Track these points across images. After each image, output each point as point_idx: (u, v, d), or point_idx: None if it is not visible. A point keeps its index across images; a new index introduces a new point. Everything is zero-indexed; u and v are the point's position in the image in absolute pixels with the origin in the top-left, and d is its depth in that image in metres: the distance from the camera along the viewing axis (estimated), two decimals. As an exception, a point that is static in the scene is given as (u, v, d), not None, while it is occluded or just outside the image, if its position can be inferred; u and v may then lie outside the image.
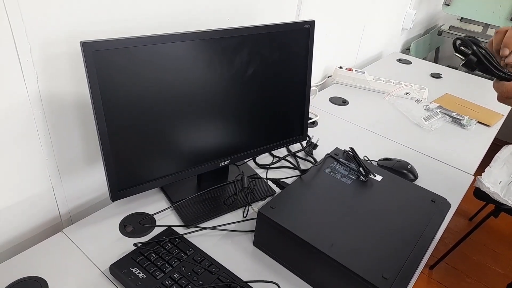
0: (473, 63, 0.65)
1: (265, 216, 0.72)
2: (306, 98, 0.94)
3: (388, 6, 1.83)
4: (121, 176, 0.72)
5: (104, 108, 0.65)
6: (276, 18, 1.15)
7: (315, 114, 1.28)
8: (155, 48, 0.67)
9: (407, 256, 0.66)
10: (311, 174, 0.84)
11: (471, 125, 1.32)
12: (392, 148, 1.16)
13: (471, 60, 0.65)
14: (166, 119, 0.74)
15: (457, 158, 1.15)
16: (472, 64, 0.65)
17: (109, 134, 0.67)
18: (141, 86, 0.68)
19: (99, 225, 0.79)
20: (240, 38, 0.77)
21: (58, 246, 0.73)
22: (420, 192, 0.83)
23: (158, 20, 0.81)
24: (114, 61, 0.64)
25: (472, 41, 0.64)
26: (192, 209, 0.84)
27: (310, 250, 0.67)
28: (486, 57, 0.64)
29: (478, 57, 0.64)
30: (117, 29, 0.74)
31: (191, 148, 0.80)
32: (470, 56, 0.65)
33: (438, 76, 1.72)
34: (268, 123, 0.90)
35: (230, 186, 0.92)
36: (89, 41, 0.60)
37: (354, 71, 1.52)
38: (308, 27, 0.85)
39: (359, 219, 0.73)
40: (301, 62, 0.89)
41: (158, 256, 0.70)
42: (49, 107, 0.71)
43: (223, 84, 0.79)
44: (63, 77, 0.70)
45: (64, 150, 0.77)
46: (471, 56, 0.65)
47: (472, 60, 0.65)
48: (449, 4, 1.98)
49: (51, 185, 0.78)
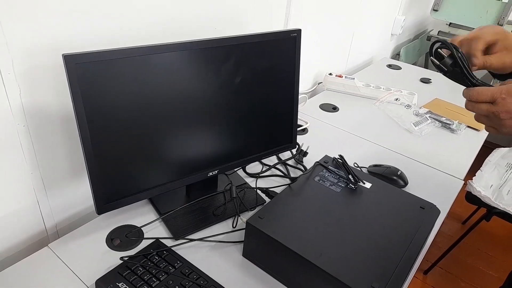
0: (448, 65, 0.66)
1: (253, 226, 0.71)
2: (295, 106, 0.94)
3: (377, 12, 1.84)
4: (107, 189, 0.71)
5: (88, 121, 0.64)
6: (264, 26, 1.15)
7: (305, 121, 1.28)
8: (140, 59, 0.67)
9: (397, 264, 0.66)
10: (300, 182, 0.84)
11: (460, 129, 1.32)
12: (382, 154, 1.16)
13: (446, 62, 0.65)
14: (153, 130, 0.73)
15: (447, 163, 1.15)
16: (447, 66, 0.66)
17: (93, 147, 0.66)
18: (127, 98, 0.68)
19: (86, 238, 0.77)
20: (227, 47, 0.77)
21: (43, 262, 0.72)
22: (409, 199, 0.82)
23: (144, 30, 0.81)
24: (97, 73, 0.63)
25: (452, 44, 0.65)
26: (181, 221, 0.83)
27: (298, 260, 0.66)
28: (462, 62, 0.65)
29: (454, 60, 0.65)
30: (102, 41, 0.74)
31: (179, 159, 0.79)
32: (446, 58, 0.65)
33: (427, 81, 1.73)
34: (257, 132, 0.90)
35: (219, 196, 0.91)
36: (72, 53, 0.59)
37: (344, 78, 1.52)
38: (295, 36, 0.85)
39: (348, 227, 0.73)
40: (289, 70, 0.89)
41: (145, 270, 0.69)
42: (33, 120, 0.70)
43: (211, 94, 0.79)
44: (47, 90, 0.70)
45: (49, 163, 0.76)
46: (446, 58, 0.65)
47: (447, 62, 0.65)
48: (437, 9, 2.00)
49: (36, 199, 0.76)
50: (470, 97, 0.65)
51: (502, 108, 0.61)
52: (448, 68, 0.67)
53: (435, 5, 1.99)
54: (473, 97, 0.64)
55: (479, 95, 0.63)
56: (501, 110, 0.61)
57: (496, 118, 0.62)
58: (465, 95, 0.66)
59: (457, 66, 0.66)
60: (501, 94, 0.61)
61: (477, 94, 0.64)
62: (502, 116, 0.61)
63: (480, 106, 0.64)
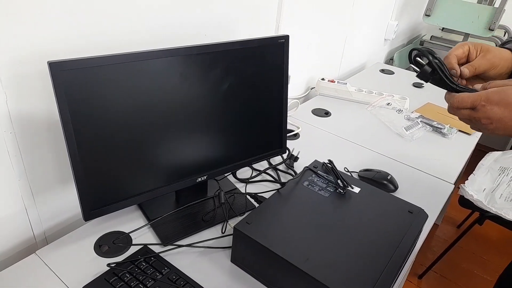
0: (427, 74, 0.67)
1: (241, 232, 0.71)
2: (284, 111, 0.94)
3: (370, 18, 1.86)
4: (94, 195, 0.71)
5: (74, 128, 0.64)
6: (255, 32, 1.16)
7: (297, 126, 1.28)
8: (126, 66, 0.67)
9: (383, 269, 0.66)
10: (288, 187, 0.84)
11: (452, 133, 1.33)
12: (373, 159, 1.17)
13: (425, 70, 0.67)
14: (141, 137, 0.73)
15: (437, 167, 1.15)
16: (427, 74, 0.67)
17: (79, 154, 0.66)
18: (114, 104, 0.68)
19: (74, 245, 0.77)
20: (215, 54, 0.78)
21: (30, 269, 0.71)
22: (397, 203, 0.83)
23: (133, 36, 0.81)
24: (83, 80, 0.63)
25: (428, 51, 0.66)
26: (170, 226, 0.83)
27: (285, 265, 0.66)
28: (441, 68, 0.66)
29: (432, 68, 0.66)
30: (90, 48, 0.74)
31: (167, 165, 0.79)
32: (425, 66, 0.66)
33: (420, 85, 1.74)
34: (246, 137, 0.90)
35: (209, 202, 0.91)
36: (57, 61, 0.60)
37: (336, 83, 1.53)
38: (283, 42, 0.86)
39: (335, 232, 0.73)
40: (277, 76, 0.89)
41: (132, 276, 0.69)
42: (20, 127, 0.70)
43: (199, 100, 0.79)
44: (34, 97, 0.70)
45: (37, 170, 0.76)
46: (425, 67, 0.66)
47: (426, 70, 0.67)
48: (430, 14, 2.01)
49: (24, 206, 0.76)
50: (452, 103, 0.67)
51: (482, 115, 0.63)
52: (428, 76, 0.68)
53: (427, 10, 2.01)
54: (454, 104, 0.66)
55: (459, 103, 0.65)
56: (481, 117, 0.63)
57: (478, 122, 0.64)
58: (446, 101, 0.68)
59: (436, 73, 0.67)
60: (481, 101, 0.62)
61: (457, 102, 0.65)
62: (483, 122, 0.63)
63: (461, 112, 0.66)
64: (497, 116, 0.61)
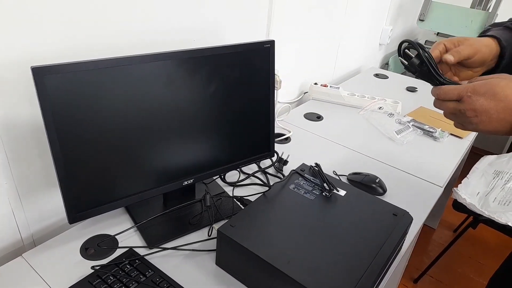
0: (415, 65, 0.67)
1: (224, 234, 0.72)
2: (271, 115, 0.95)
3: (363, 23, 1.87)
4: (79, 198, 0.71)
5: (57, 132, 0.65)
6: (246, 38, 1.17)
7: (288, 130, 1.29)
8: (110, 71, 0.68)
9: (364, 271, 0.66)
10: (274, 190, 0.85)
11: (443, 137, 1.34)
12: (364, 163, 1.17)
13: (413, 62, 0.67)
14: (126, 140, 0.74)
15: (427, 171, 1.16)
16: (415, 66, 0.68)
17: (64, 157, 0.67)
18: (99, 109, 0.69)
19: (60, 248, 0.78)
20: (201, 58, 0.79)
21: (16, 271, 0.72)
22: (382, 206, 0.83)
23: (121, 40, 0.82)
24: (67, 85, 0.64)
25: (417, 43, 0.67)
26: (157, 229, 0.83)
27: (267, 267, 0.67)
28: (429, 61, 0.66)
29: (421, 60, 0.67)
30: (76, 53, 0.75)
31: (154, 168, 0.80)
32: (413, 58, 0.67)
33: (413, 89, 1.75)
34: (233, 141, 0.91)
35: (197, 205, 0.91)
36: (40, 66, 0.61)
37: (329, 87, 1.54)
38: (268, 47, 0.87)
39: (319, 235, 0.73)
40: (264, 81, 0.90)
41: (116, 279, 0.69)
42: (6, 131, 0.71)
43: (187, 104, 0.80)
44: (20, 102, 0.71)
45: (24, 174, 0.77)
46: (414, 59, 0.67)
47: (414, 62, 0.67)
48: (423, 19, 2.03)
49: (11, 209, 0.77)
50: (437, 95, 0.67)
51: (467, 106, 0.62)
52: (416, 68, 0.68)
53: (421, 15, 2.02)
54: (440, 96, 0.66)
55: (446, 94, 0.65)
56: (467, 108, 0.63)
57: (463, 115, 0.64)
58: (433, 94, 0.68)
59: (424, 65, 0.67)
60: (467, 92, 0.62)
61: (444, 93, 0.66)
62: (468, 114, 0.63)
63: (447, 104, 0.66)
64: (483, 107, 0.61)
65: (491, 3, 2.04)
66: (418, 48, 0.67)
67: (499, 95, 0.59)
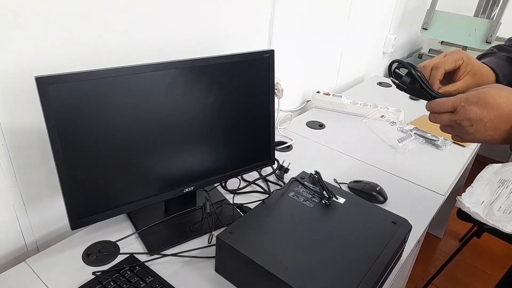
0: (407, 83, 0.69)
1: (223, 241, 0.72)
2: (271, 123, 0.96)
3: (366, 31, 1.88)
4: (81, 204, 0.73)
5: (61, 140, 0.67)
6: (248, 46, 1.19)
7: (290, 138, 1.30)
8: (113, 80, 0.70)
9: (361, 279, 0.66)
10: (274, 198, 0.85)
11: (446, 145, 1.33)
12: (365, 171, 1.17)
13: (405, 80, 0.69)
14: (128, 148, 0.76)
15: (429, 179, 1.15)
16: (406, 84, 0.69)
17: (66, 164, 0.68)
18: (102, 117, 0.71)
19: (63, 254, 0.79)
20: (202, 68, 0.80)
21: (19, 277, 0.74)
22: (381, 214, 0.83)
23: (123, 53, 0.84)
24: (70, 94, 0.66)
25: (408, 63, 0.69)
26: (158, 236, 0.84)
27: (264, 274, 0.67)
28: (420, 77, 0.68)
29: (412, 77, 0.68)
30: (80, 63, 0.78)
31: (155, 176, 0.81)
32: (404, 76, 0.69)
33: (416, 98, 1.74)
34: (234, 148, 0.92)
35: (198, 212, 0.92)
36: (44, 76, 0.63)
37: (332, 95, 1.55)
38: (268, 56, 0.89)
39: (317, 242, 0.74)
40: (264, 90, 0.92)
41: (116, 285, 0.70)
42: (12, 139, 0.73)
43: (188, 112, 0.81)
44: (25, 110, 0.73)
45: (28, 180, 0.78)
46: (405, 77, 0.69)
47: (405, 80, 0.69)
48: (427, 28, 2.03)
49: (16, 215, 0.79)
50: (432, 109, 0.68)
51: (462, 116, 0.63)
52: (408, 85, 0.70)
53: (425, 24, 2.03)
54: (434, 109, 0.67)
55: (440, 106, 0.66)
56: (462, 118, 0.63)
57: (459, 126, 0.64)
58: (427, 108, 0.69)
59: (416, 83, 0.69)
60: (461, 102, 0.63)
61: (438, 106, 0.66)
62: (463, 124, 0.63)
63: (442, 116, 0.67)
64: (477, 116, 0.62)
65: (495, 12, 2.05)
66: (409, 67, 0.69)
67: (491, 103, 0.60)
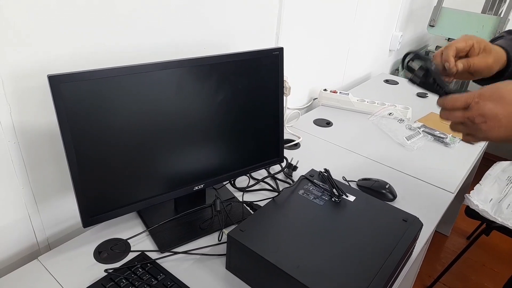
0: (420, 77, 0.68)
1: (234, 239, 0.73)
2: (280, 121, 0.96)
3: (373, 29, 1.87)
4: (93, 202, 0.73)
5: (73, 139, 0.67)
6: (255, 44, 1.19)
7: (297, 136, 1.30)
8: (124, 79, 0.70)
9: (373, 276, 0.66)
10: (284, 196, 0.85)
11: (454, 143, 1.33)
12: (374, 168, 1.17)
13: (418, 74, 0.68)
14: (139, 146, 0.76)
15: (438, 177, 1.15)
16: (420, 77, 0.68)
17: (78, 162, 0.69)
18: (114, 116, 0.71)
19: (75, 251, 0.80)
20: (210, 66, 0.80)
21: (31, 274, 0.74)
22: (392, 211, 0.83)
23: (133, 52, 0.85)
24: (82, 93, 0.66)
25: (422, 55, 0.67)
26: (168, 234, 0.85)
27: (276, 271, 0.67)
28: (435, 72, 0.67)
29: (426, 71, 0.67)
30: (91, 62, 0.78)
31: (165, 174, 0.81)
32: (418, 70, 0.67)
33: (424, 95, 1.74)
34: (243, 147, 0.92)
35: (208, 210, 0.93)
36: (56, 74, 0.63)
37: (339, 93, 1.54)
38: (277, 54, 0.88)
39: (328, 240, 0.74)
40: (273, 87, 0.91)
41: (128, 282, 0.71)
42: (23, 137, 0.73)
43: (197, 111, 0.81)
44: (37, 108, 0.73)
45: (40, 178, 0.79)
46: (418, 70, 0.67)
47: (419, 74, 0.68)
48: (434, 25, 2.02)
49: (27, 213, 0.79)
50: (444, 105, 0.66)
51: (476, 112, 0.61)
52: (421, 79, 0.69)
53: (432, 21, 2.02)
54: (447, 105, 0.65)
55: (453, 102, 0.64)
56: (476, 114, 0.61)
57: (472, 123, 0.63)
58: (439, 104, 0.67)
59: (429, 76, 0.68)
60: (474, 98, 0.62)
61: (451, 102, 0.64)
62: (476, 120, 0.61)
63: (454, 113, 0.65)
64: (491, 112, 0.60)
65: (503, 8, 2.03)
66: (422, 59, 0.68)
67: (505, 99, 0.59)
